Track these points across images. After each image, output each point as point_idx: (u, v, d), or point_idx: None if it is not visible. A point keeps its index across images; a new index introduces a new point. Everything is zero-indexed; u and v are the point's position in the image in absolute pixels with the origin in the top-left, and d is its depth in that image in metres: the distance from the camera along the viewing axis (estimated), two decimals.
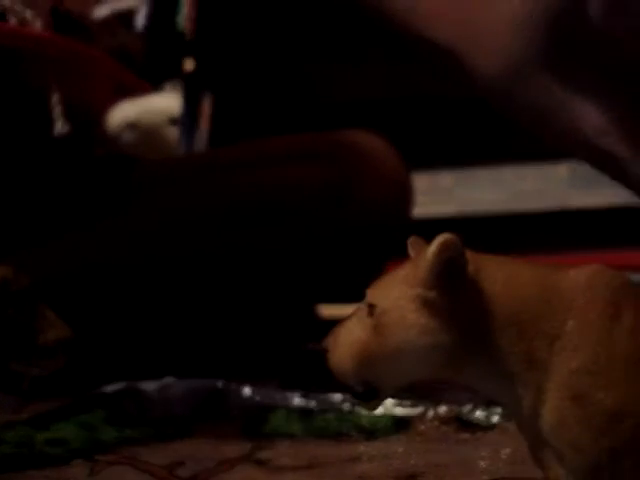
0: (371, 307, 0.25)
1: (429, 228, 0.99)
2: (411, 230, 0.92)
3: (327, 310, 0.98)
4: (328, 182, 0.74)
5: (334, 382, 0.28)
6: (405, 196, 0.79)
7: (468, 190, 1.05)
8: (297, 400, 0.53)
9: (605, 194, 1.02)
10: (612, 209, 1.02)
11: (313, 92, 1.19)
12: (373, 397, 0.25)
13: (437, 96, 1.23)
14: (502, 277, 0.25)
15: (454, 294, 0.24)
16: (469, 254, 0.25)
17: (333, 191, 0.74)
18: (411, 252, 0.27)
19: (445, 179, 1.05)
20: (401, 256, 0.91)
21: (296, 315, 0.89)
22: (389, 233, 0.78)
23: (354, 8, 0.46)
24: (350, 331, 0.25)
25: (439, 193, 1.05)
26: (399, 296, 0.24)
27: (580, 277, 0.25)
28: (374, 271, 1.03)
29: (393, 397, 0.47)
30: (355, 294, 0.95)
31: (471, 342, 0.24)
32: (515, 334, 0.24)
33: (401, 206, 0.78)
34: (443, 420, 0.49)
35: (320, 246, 0.75)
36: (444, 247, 0.24)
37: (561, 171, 1.03)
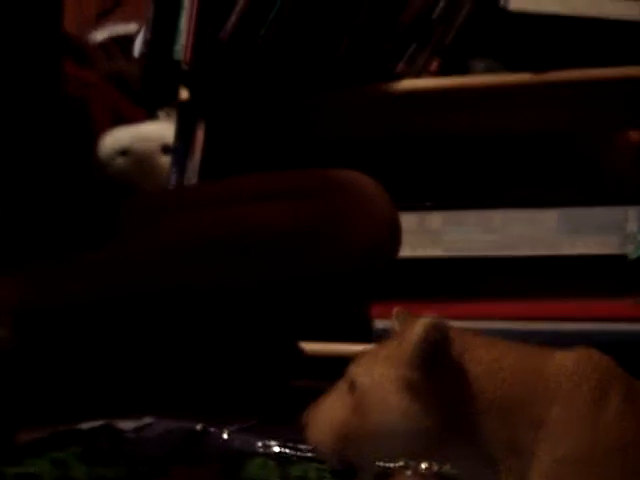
0: (353, 384, 0.24)
1: (416, 269, 0.99)
2: (397, 270, 0.93)
3: (311, 348, 0.97)
4: (316, 220, 0.74)
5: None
6: (393, 236, 0.78)
7: (457, 232, 1.04)
8: (276, 448, 0.52)
9: (594, 241, 1.02)
10: (601, 256, 1.02)
11: (306, 126, 1.20)
12: (351, 476, 0.25)
13: (428, 137, 1.24)
14: (487, 360, 0.24)
15: (438, 377, 0.23)
16: (455, 333, 0.24)
17: (321, 229, 0.73)
18: (395, 324, 0.26)
19: (434, 220, 1.05)
20: (386, 297, 0.90)
21: (279, 353, 0.89)
22: (375, 272, 0.78)
23: None
24: (330, 407, 0.25)
25: (427, 234, 1.05)
26: (382, 376, 0.24)
27: (566, 361, 0.24)
28: (359, 310, 1.02)
29: None
30: (340, 332, 0.94)
31: (453, 426, 0.23)
32: (498, 419, 0.23)
33: (388, 246, 0.78)
34: (424, 476, 0.49)
35: (305, 283, 0.75)
36: (429, 330, 0.23)
37: (551, 217, 1.03)
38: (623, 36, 1.02)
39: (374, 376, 0.24)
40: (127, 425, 0.55)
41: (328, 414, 0.25)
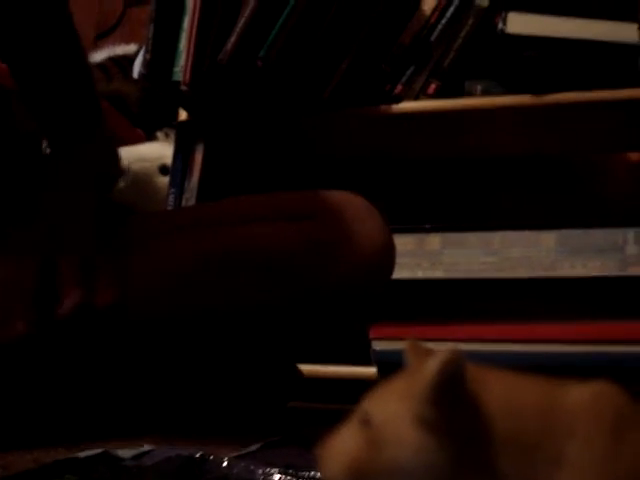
0: (367, 419, 0.24)
1: (415, 290, 0.99)
2: (397, 292, 0.92)
3: (309, 369, 0.97)
4: (310, 241, 0.73)
5: (314, 441, 0.27)
6: (387, 257, 0.78)
7: (456, 254, 1.04)
8: (276, 475, 0.51)
9: (594, 263, 1.02)
10: (600, 278, 1.02)
11: (305, 147, 1.20)
12: None
13: (427, 159, 1.25)
14: (503, 395, 0.24)
15: (453, 412, 0.23)
16: (471, 368, 0.24)
17: (315, 251, 0.73)
18: (408, 357, 0.26)
19: (433, 242, 1.05)
20: (385, 318, 0.90)
21: (277, 374, 0.88)
22: (370, 293, 0.78)
23: None
24: (344, 442, 0.24)
25: (426, 256, 1.05)
26: (396, 411, 0.23)
27: (583, 396, 0.24)
28: (355, 332, 1.02)
29: None
30: (338, 354, 0.94)
31: (469, 462, 0.23)
32: (515, 455, 0.23)
33: (383, 267, 0.77)
34: None
35: (301, 305, 0.74)
36: (445, 365, 0.23)
37: (550, 239, 1.03)
38: (621, 58, 1.03)
39: (388, 411, 0.23)
40: (125, 453, 0.54)
41: (342, 449, 0.24)
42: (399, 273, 1.03)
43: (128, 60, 1.27)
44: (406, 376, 0.24)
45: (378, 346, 1.00)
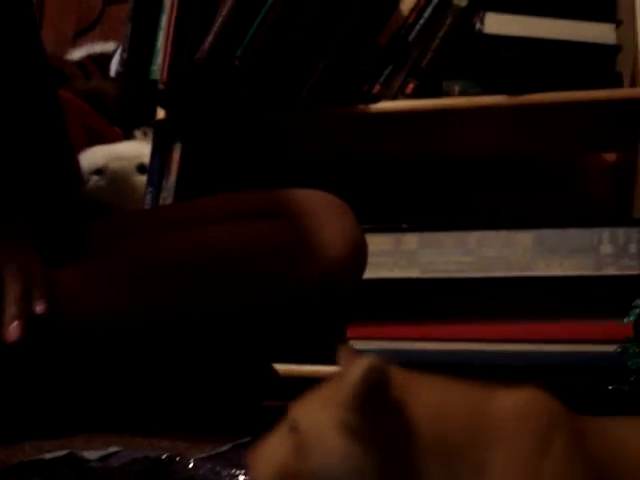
0: (294, 425, 0.24)
1: (392, 290, 0.99)
2: (374, 291, 0.92)
3: (285, 369, 0.97)
4: (277, 240, 0.73)
5: None
6: (358, 255, 0.78)
7: (433, 253, 1.05)
8: (242, 477, 0.51)
9: (569, 263, 1.02)
10: (576, 278, 1.02)
11: (282, 146, 1.20)
12: None
13: (404, 158, 1.25)
14: (429, 402, 0.24)
15: (378, 418, 0.23)
16: (398, 375, 0.24)
17: (282, 249, 0.73)
18: (340, 362, 0.26)
19: (410, 242, 1.05)
20: (362, 318, 0.89)
21: (253, 374, 0.88)
22: (340, 292, 0.78)
23: None
24: (272, 449, 0.24)
25: (403, 255, 1.05)
26: (321, 418, 0.23)
27: (510, 404, 0.24)
28: (332, 332, 1.02)
29: None
30: (314, 354, 0.93)
31: (395, 469, 0.23)
32: (440, 462, 0.23)
33: (352, 266, 0.77)
34: None
35: (269, 304, 0.74)
36: (367, 372, 0.23)
37: (526, 238, 1.04)
38: (598, 59, 1.03)
39: (314, 417, 0.23)
40: (92, 454, 0.54)
41: (270, 456, 0.24)
42: (376, 273, 1.04)
43: (106, 58, 1.27)
44: (333, 382, 0.24)
45: (355, 346, 1.00)
